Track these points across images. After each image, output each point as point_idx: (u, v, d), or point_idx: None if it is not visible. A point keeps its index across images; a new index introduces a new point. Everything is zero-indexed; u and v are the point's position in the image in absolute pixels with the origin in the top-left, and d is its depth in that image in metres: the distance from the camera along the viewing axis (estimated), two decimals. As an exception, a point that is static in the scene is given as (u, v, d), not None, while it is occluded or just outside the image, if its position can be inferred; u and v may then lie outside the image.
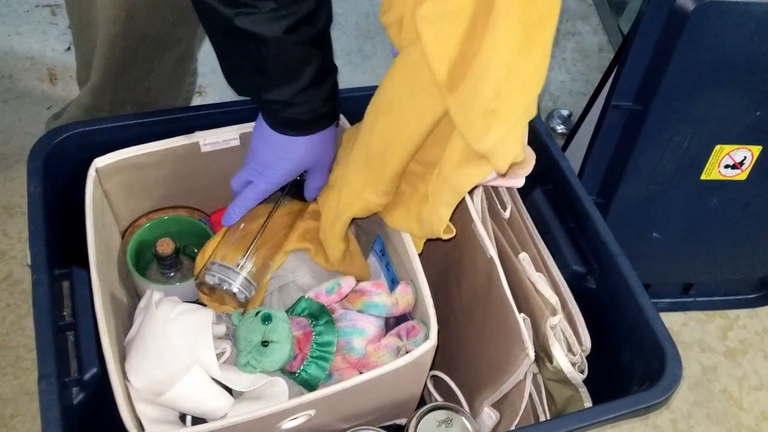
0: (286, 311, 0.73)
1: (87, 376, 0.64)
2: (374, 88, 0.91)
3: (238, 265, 0.75)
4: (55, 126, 1.10)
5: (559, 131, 1.49)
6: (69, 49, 1.46)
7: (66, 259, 0.71)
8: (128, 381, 0.65)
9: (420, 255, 0.74)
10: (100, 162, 0.75)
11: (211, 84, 1.46)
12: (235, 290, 0.75)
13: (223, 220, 0.77)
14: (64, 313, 0.68)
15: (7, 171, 1.26)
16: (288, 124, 0.70)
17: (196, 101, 1.39)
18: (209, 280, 0.75)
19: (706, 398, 1.17)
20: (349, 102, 0.79)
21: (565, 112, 1.52)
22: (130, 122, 0.81)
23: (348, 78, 1.54)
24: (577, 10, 1.79)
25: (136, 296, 0.84)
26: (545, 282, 0.77)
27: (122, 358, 0.67)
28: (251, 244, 0.77)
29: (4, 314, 1.10)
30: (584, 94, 1.59)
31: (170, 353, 0.66)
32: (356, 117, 0.77)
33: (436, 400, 0.83)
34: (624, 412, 0.66)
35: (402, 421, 0.81)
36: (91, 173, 0.74)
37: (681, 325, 1.25)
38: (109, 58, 0.95)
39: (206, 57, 1.50)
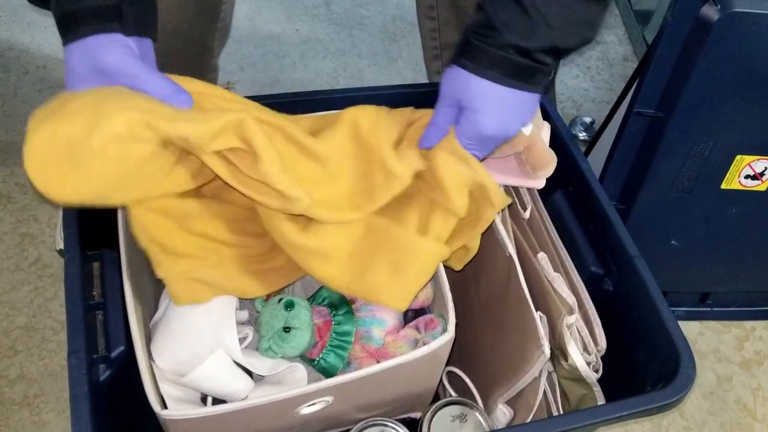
0: (308, 299, 0.74)
1: (114, 354, 0.66)
2: (399, 88, 0.93)
3: None
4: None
5: (581, 138, 1.50)
6: (102, 42, 1.50)
7: (97, 241, 0.73)
8: (153, 361, 0.67)
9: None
10: (132, 149, 0.77)
11: (240, 80, 1.49)
12: None
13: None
14: (94, 292, 0.70)
15: (39, 158, 1.29)
16: None
17: (224, 97, 1.42)
18: None
19: (721, 408, 1.17)
20: (374, 101, 0.81)
21: (587, 120, 1.53)
22: (162, 112, 0.83)
23: (373, 80, 1.56)
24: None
25: (160, 281, 0.86)
26: (563, 282, 0.78)
27: (148, 339, 0.69)
28: None
29: (32, 297, 1.13)
30: (607, 103, 1.59)
31: (195, 335, 0.67)
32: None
33: (451, 396, 0.85)
34: (637, 410, 0.66)
35: (417, 415, 0.82)
36: (124, 159, 0.76)
37: (697, 334, 1.25)
38: None
39: (236, 53, 1.54)
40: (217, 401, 0.71)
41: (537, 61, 0.63)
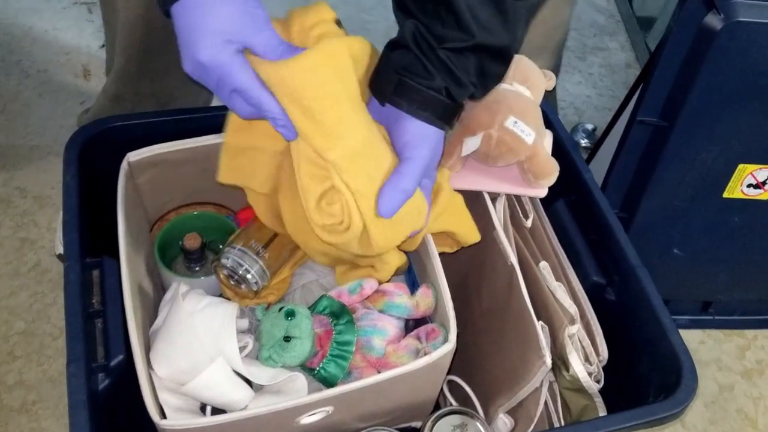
0: (308, 308, 0.74)
1: (113, 363, 0.66)
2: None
3: (257, 253, 0.77)
4: (86, 120, 1.12)
5: (583, 145, 1.50)
6: (104, 46, 1.49)
7: (97, 248, 0.73)
8: (152, 370, 0.67)
9: (441, 259, 0.75)
10: (133, 156, 0.77)
11: (240, 85, 1.49)
12: (248, 275, 0.76)
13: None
14: (94, 300, 0.70)
15: (40, 162, 1.29)
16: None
17: (225, 102, 1.42)
18: (224, 262, 0.76)
19: (722, 417, 1.16)
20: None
21: (589, 127, 1.53)
22: (163, 119, 0.83)
23: (375, 84, 1.56)
24: (605, 27, 1.80)
25: (161, 288, 0.85)
26: (565, 291, 0.77)
27: (148, 347, 0.69)
28: (273, 236, 0.78)
29: (30, 302, 1.12)
30: (609, 110, 1.59)
31: (195, 344, 0.67)
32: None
33: (452, 405, 0.84)
34: (639, 422, 0.66)
35: (417, 424, 0.82)
36: (124, 167, 0.76)
37: (699, 343, 1.25)
38: (130, 43, 0.96)
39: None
40: (216, 411, 0.71)
41: (459, 104, 0.67)
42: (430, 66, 0.64)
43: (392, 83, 0.65)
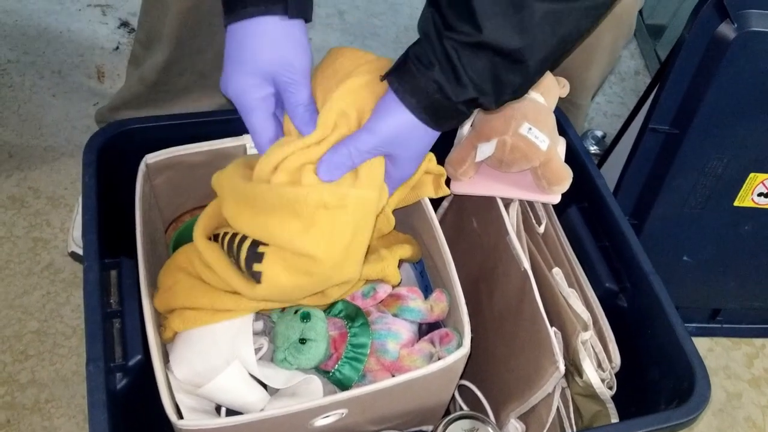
0: (323, 311, 0.74)
1: (131, 363, 0.66)
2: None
3: None
4: (107, 119, 1.12)
5: (593, 151, 1.50)
6: (117, 48, 1.50)
7: (115, 249, 0.73)
8: (170, 371, 0.67)
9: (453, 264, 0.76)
10: (150, 158, 0.77)
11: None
12: None
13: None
14: (111, 300, 0.70)
15: (53, 163, 1.30)
16: None
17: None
18: None
19: (730, 425, 1.16)
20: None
21: (599, 133, 1.53)
22: (180, 122, 0.83)
23: (386, 89, 1.56)
24: (615, 33, 1.80)
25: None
26: (577, 298, 0.78)
27: (165, 347, 0.69)
28: None
29: (44, 302, 1.13)
30: (619, 116, 1.59)
31: (212, 347, 0.68)
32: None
33: (463, 410, 0.84)
34: (651, 429, 0.66)
35: (428, 428, 0.82)
36: (142, 168, 0.77)
37: (707, 351, 1.25)
38: (179, 34, 0.97)
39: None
40: (231, 411, 0.71)
41: (456, 109, 0.64)
42: (433, 56, 0.61)
43: (395, 64, 0.65)
